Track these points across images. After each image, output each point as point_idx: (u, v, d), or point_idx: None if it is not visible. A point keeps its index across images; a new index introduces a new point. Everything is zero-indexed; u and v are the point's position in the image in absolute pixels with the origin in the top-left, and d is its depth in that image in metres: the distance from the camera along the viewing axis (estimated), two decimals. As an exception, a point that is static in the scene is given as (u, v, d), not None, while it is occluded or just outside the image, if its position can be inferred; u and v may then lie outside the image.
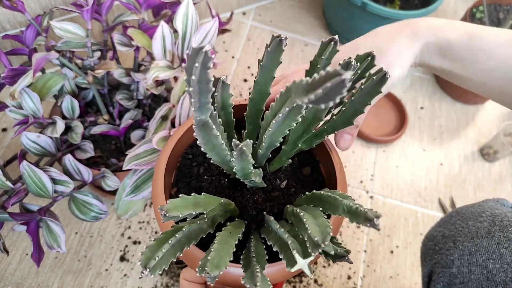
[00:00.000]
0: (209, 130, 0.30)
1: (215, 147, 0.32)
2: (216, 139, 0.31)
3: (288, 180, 0.41)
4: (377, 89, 0.31)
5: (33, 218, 0.51)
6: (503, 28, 0.98)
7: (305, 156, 0.45)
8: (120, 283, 0.74)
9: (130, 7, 0.61)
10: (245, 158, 0.29)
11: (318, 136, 0.38)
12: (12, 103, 0.55)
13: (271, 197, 0.39)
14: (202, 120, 0.28)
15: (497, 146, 0.97)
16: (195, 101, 0.27)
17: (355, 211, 0.27)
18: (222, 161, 0.34)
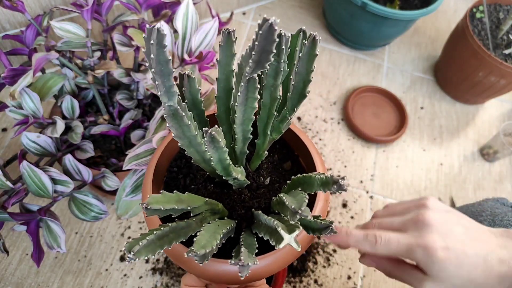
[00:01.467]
0: (180, 119, 0.31)
1: (190, 141, 0.33)
2: (188, 129, 0.32)
3: (271, 176, 0.42)
4: (313, 53, 0.31)
5: (33, 218, 0.51)
6: (503, 28, 0.98)
7: (283, 151, 0.46)
8: (120, 283, 0.74)
9: (130, 7, 0.61)
10: (217, 145, 0.30)
11: (283, 120, 0.38)
12: (12, 103, 0.55)
13: (257, 194, 0.41)
14: (171, 107, 0.30)
15: (497, 146, 0.97)
16: (159, 85, 0.28)
17: (325, 181, 0.31)
18: (201, 158, 0.35)
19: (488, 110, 1.11)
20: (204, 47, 0.61)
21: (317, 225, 0.32)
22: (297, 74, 0.34)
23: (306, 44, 0.31)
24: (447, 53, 1.07)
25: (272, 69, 0.32)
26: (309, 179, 0.34)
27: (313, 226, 0.33)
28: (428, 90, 1.12)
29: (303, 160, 0.46)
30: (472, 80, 0.99)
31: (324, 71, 1.11)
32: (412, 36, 1.23)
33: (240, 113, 0.33)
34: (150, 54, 0.26)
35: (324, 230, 0.31)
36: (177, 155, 0.44)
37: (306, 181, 0.34)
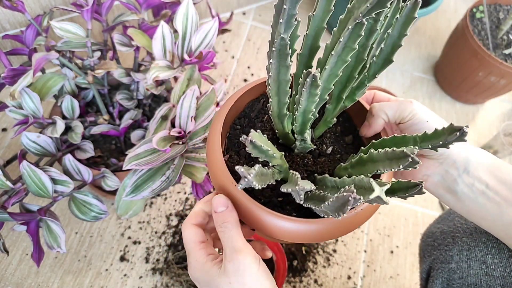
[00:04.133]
0: (284, 58, 0.29)
1: (280, 86, 0.32)
2: (286, 72, 0.30)
3: (333, 147, 0.42)
4: (412, 15, 0.30)
5: (33, 218, 0.51)
6: (503, 28, 0.98)
7: (346, 125, 0.46)
8: (120, 283, 0.74)
9: (130, 7, 0.61)
10: (314, 91, 0.29)
11: (359, 86, 0.38)
12: (12, 103, 0.55)
13: (319, 161, 0.40)
14: (283, 41, 0.28)
15: (497, 146, 0.97)
16: (284, 11, 0.27)
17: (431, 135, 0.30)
18: (278, 111, 0.34)
19: (488, 110, 1.11)
20: (204, 47, 0.61)
21: (405, 184, 0.31)
22: (389, 37, 0.34)
23: (407, 5, 0.30)
24: (447, 53, 1.07)
25: (367, 27, 0.31)
26: (403, 138, 0.32)
27: (401, 186, 0.31)
28: (428, 90, 1.12)
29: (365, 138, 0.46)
30: (472, 80, 0.99)
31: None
32: (412, 36, 1.23)
33: (330, 66, 0.31)
34: None
35: (414, 188, 0.30)
36: (241, 114, 0.44)
37: (399, 141, 0.33)
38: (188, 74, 0.60)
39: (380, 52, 0.35)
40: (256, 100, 0.44)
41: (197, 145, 0.54)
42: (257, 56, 1.09)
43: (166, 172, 0.52)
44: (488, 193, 0.38)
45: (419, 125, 0.39)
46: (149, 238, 0.79)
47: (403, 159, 0.28)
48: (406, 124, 0.40)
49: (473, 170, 0.38)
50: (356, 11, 0.28)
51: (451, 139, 0.29)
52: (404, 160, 0.27)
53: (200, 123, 0.53)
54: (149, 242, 0.79)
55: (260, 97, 0.45)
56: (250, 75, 1.05)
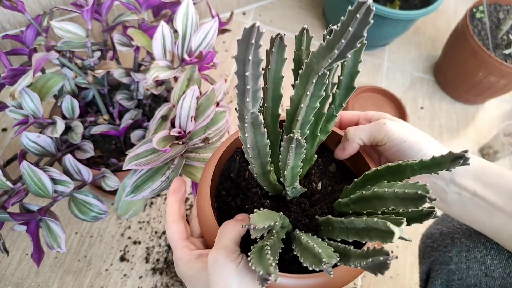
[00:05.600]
0: (258, 127, 0.30)
1: (260, 151, 0.32)
2: (262, 138, 0.31)
3: (321, 181, 0.42)
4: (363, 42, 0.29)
5: (33, 218, 0.51)
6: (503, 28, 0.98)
7: (325, 154, 0.46)
8: (120, 283, 0.74)
9: (130, 7, 0.61)
10: (299, 151, 0.29)
11: (330, 120, 0.38)
12: (12, 103, 0.55)
13: (314, 201, 0.40)
14: (253, 114, 0.29)
15: (497, 146, 0.97)
16: (249, 90, 0.27)
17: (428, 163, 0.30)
18: (262, 171, 0.35)
19: (488, 110, 1.11)
20: (204, 47, 0.61)
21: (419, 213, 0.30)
22: (345, 67, 0.34)
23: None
24: (447, 53, 1.07)
25: (319, 82, 0.31)
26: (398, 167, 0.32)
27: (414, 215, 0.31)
28: (428, 90, 1.12)
29: (347, 160, 0.45)
30: (472, 80, 0.99)
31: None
32: (412, 36, 1.23)
33: (301, 116, 0.32)
34: (247, 55, 0.25)
35: (428, 216, 0.30)
36: (222, 178, 0.43)
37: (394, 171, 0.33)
38: (188, 74, 0.60)
39: (340, 82, 0.36)
40: (231, 159, 0.44)
41: (197, 145, 0.54)
42: (257, 56, 1.09)
43: (166, 172, 0.52)
44: (476, 199, 0.38)
45: (397, 146, 0.39)
46: (149, 238, 0.79)
47: (420, 200, 0.28)
48: (384, 147, 0.40)
49: (459, 179, 0.39)
50: (316, 66, 0.29)
51: (454, 166, 0.29)
52: (421, 201, 0.27)
53: (200, 123, 0.53)
54: (149, 242, 0.79)
55: (234, 155, 0.44)
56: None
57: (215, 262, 0.31)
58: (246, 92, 0.27)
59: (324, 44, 0.27)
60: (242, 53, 0.25)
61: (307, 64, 0.30)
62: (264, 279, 0.26)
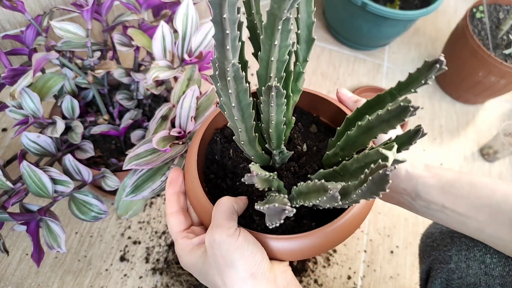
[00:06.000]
0: (240, 82, 0.29)
1: (244, 112, 0.31)
2: (245, 95, 0.30)
3: (305, 143, 0.42)
4: None
5: (33, 218, 0.51)
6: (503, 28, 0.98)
7: (303, 117, 0.46)
8: (120, 283, 0.74)
9: (130, 7, 0.61)
10: (280, 101, 0.29)
11: (299, 77, 0.38)
12: (12, 103, 0.55)
13: (303, 163, 0.40)
14: (235, 66, 0.27)
15: (497, 146, 0.97)
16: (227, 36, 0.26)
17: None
18: (248, 138, 0.34)
19: (488, 110, 1.11)
20: (204, 47, 0.61)
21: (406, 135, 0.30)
22: (300, 21, 0.34)
23: None
24: (447, 53, 1.07)
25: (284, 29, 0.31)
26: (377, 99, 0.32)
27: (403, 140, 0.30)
28: (428, 90, 1.12)
29: (325, 118, 0.46)
30: (472, 80, 0.99)
31: (324, 71, 1.11)
32: (412, 36, 1.23)
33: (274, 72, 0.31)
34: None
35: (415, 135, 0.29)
36: (207, 163, 0.43)
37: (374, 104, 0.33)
38: (188, 74, 0.60)
39: (298, 37, 0.36)
40: (212, 141, 0.43)
41: (197, 145, 0.54)
42: (257, 56, 1.09)
43: (166, 172, 0.52)
44: (446, 211, 0.39)
45: None
46: (149, 238, 0.79)
47: (404, 112, 0.27)
48: None
49: (425, 195, 0.39)
50: (278, 11, 0.28)
51: (431, 75, 0.28)
52: (406, 112, 0.27)
53: (200, 123, 0.53)
54: (149, 242, 0.79)
55: (213, 137, 0.44)
56: (250, 75, 1.05)
57: (212, 242, 0.31)
58: (225, 39, 0.26)
59: None
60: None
61: (268, 12, 0.29)
62: (282, 210, 0.25)
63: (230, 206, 0.33)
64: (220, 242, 0.30)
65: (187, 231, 0.36)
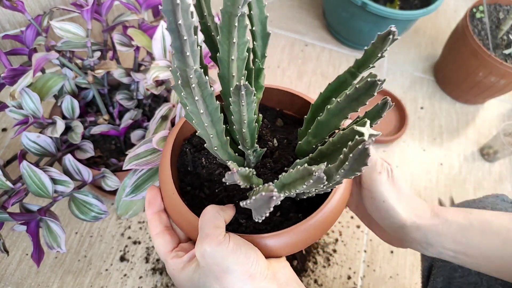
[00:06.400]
0: (204, 87, 0.28)
1: (213, 117, 0.31)
2: (211, 99, 0.29)
3: (275, 137, 0.42)
4: None
5: (33, 218, 0.51)
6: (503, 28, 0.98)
7: (267, 113, 0.46)
8: (120, 283, 0.74)
9: (130, 7, 0.61)
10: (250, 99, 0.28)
11: (259, 74, 0.38)
12: (12, 103, 0.55)
13: (277, 158, 0.40)
14: (198, 72, 0.27)
15: (497, 146, 0.97)
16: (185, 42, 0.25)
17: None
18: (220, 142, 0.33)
19: (488, 110, 1.11)
20: (204, 47, 0.61)
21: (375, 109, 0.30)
22: (253, 17, 0.34)
23: None
24: (447, 53, 1.07)
25: (241, 26, 0.31)
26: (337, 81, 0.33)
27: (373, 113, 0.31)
28: (428, 90, 1.12)
29: (290, 111, 0.46)
30: (472, 80, 0.99)
31: (324, 71, 1.11)
32: (412, 36, 1.23)
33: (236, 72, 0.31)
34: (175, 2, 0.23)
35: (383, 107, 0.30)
36: (180, 176, 0.42)
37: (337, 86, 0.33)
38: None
39: (254, 34, 0.35)
40: (182, 153, 0.43)
41: (197, 145, 0.54)
42: (257, 56, 1.09)
43: (166, 172, 0.52)
44: (458, 257, 0.38)
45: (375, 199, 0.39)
46: (149, 238, 0.79)
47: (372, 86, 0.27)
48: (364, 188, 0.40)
49: (436, 244, 0.38)
50: (232, 8, 0.28)
51: (386, 47, 0.29)
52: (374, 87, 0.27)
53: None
54: (149, 242, 0.79)
55: (183, 149, 0.43)
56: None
57: (203, 252, 0.30)
58: (184, 45, 0.26)
59: None
60: (169, 1, 0.23)
61: (223, 11, 0.28)
62: (270, 198, 0.25)
63: (215, 214, 0.32)
64: (212, 251, 0.30)
65: (176, 250, 0.35)
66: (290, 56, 1.11)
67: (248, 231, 0.36)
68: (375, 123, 0.30)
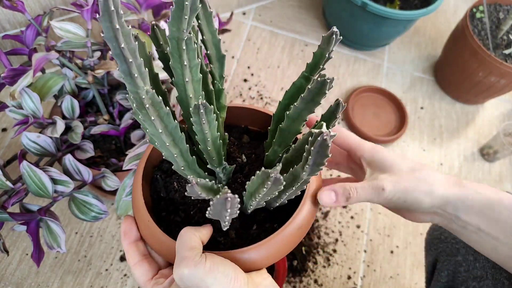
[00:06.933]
0: (159, 107, 0.29)
1: (174, 136, 0.31)
2: (169, 118, 0.30)
3: (243, 153, 0.43)
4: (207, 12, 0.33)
5: (33, 218, 0.51)
6: (503, 28, 0.98)
7: (233, 130, 0.47)
8: (120, 283, 0.74)
9: (130, 7, 0.61)
10: (210, 117, 0.29)
11: (220, 94, 0.39)
12: (12, 103, 0.55)
13: (247, 172, 0.41)
14: (149, 92, 0.28)
15: (497, 146, 0.97)
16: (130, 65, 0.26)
17: None
18: (186, 162, 0.33)
19: (488, 110, 1.11)
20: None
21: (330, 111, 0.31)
22: (206, 42, 0.35)
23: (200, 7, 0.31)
24: (447, 53, 1.07)
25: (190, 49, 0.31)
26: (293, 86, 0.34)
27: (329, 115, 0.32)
28: (428, 90, 1.12)
29: (254, 126, 0.47)
30: (472, 80, 0.99)
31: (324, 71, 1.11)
32: (412, 36, 1.23)
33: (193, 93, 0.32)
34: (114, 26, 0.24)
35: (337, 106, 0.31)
36: (154, 203, 0.42)
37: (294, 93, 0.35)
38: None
39: (210, 57, 0.37)
40: (153, 179, 0.43)
41: (197, 145, 0.54)
42: (257, 56, 1.09)
43: (166, 172, 0.52)
44: (481, 234, 0.38)
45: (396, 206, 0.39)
46: (149, 238, 0.79)
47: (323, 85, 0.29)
48: None
49: (463, 216, 0.38)
50: (178, 33, 0.29)
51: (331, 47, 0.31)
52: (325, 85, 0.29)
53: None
54: (149, 242, 0.79)
55: (154, 175, 0.43)
56: (250, 75, 1.05)
57: (181, 276, 0.30)
58: (131, 68, 0.26)
59: (173, 8, 0.28)
60: (109, 28, 0.24)
61: (169, 37, 0.30)
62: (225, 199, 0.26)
63: (191, 235, 0.32)
64: (189, 273, 0.30)
65: (155, 278, 0.35)
66: (290, 56, 1.11)
67: (226, 248, 0.36)
68: (332, 124, 0.32)
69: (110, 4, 0.23)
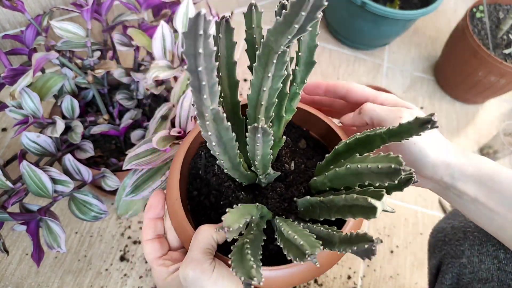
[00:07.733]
0: (220, 122, 0.28)
1: (226, 146, 0.30)
2: (227, 132, 0.29)
3: (293, 160, 0.41)
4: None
5: (33, 218, 0.51)
6: (503, 27, 0.98)
7: (292, 131, 0.45)
8: (120, 283, 0.74)
9: (130, 7, 0.61)
10: (267, 139, 0.28)
11: (294, 97, 0.37)
12: (12, 103, 0.55)
13: (289, 182, 0.39)
14: (214, 110, 0.26)
15: (497, 146, 0.97)
16: (204, 85, 0.25)
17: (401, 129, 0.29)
18: (232, 164, 0.33)
19: (488, 110, 1.11)
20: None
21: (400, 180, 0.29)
22: (302, 42, 0.33)
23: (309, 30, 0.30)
24: (447, 53, 1.07)
25: (279, 62, 0.30)
26: (367, 138, 0.31)
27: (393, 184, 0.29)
28: (428, 90, 1.12)
29: (315, 133, 0.45)
30: (472, 79, 0.99)
31: (324, 70, 1.11)
32: (412, 36, 1.23)
33: (265, 99, 0.30)
34: (197, 48, 0.22)
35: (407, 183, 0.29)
36: (191, 177, 0.41)
37: (364, 142, 0.31)
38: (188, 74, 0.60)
39: (298, 58, 0.35)
40: (197, 155, 0.42)
41: (197, 145, 0.54)
42: (257, 56, 1.09)
43: (166, 172, 0.52)
44: (477, 204, 0.38)
45: (404, 145, 0.38)
46: (149, 238, 0.79)
47: (394, 174, 0.26)
48: None
49: (460, 185, 0.38)
50: (275, 45, 0.27)
51: (422, 131, 0.28)
52: (396, 175, 0.26)
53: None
54: (149, 242, 0.79)
55: (198, 151, 0.42)
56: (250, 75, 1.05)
57: (186, 277, 0.30)
58: (202, 88, 0.25)
59: (281, 19, 0.25)
60: (191, 46, 0.23)
61: (264, 44, 0.27)
62: (248, 284, 0.25)
63: (209, 237, 0.32)
64: (194, 278, 0.30)
65: (164, 258, 0.35)
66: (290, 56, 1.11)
67: None
68: (393, 191, 0.30)
69: (200, 26, 0.21)
